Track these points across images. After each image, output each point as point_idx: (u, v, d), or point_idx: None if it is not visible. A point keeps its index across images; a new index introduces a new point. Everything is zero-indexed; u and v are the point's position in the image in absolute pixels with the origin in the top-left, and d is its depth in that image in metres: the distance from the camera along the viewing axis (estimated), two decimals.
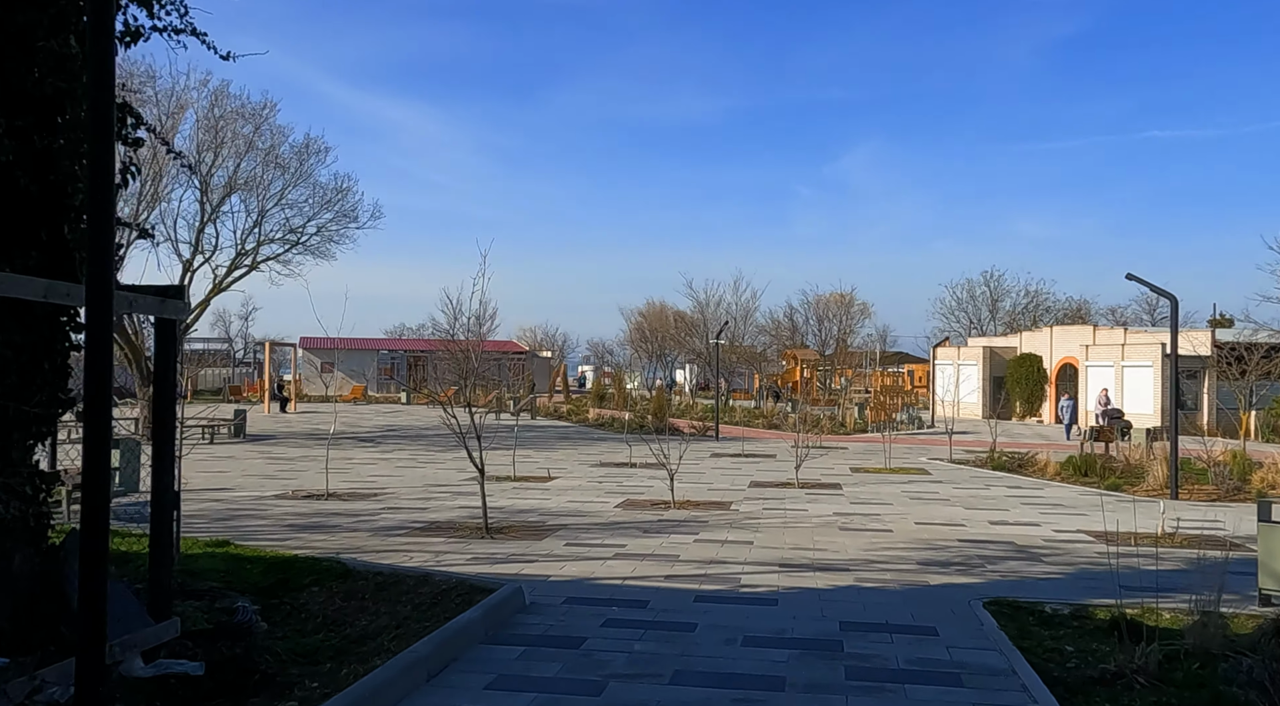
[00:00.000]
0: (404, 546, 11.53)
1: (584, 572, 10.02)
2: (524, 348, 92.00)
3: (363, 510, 14.99)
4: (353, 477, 20.11)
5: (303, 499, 16.38)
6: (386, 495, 17.08)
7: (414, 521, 13.77)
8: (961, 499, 17.43)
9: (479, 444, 13.02)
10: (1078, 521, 14.68)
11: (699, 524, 13.80)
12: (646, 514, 14.88)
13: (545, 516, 14.48)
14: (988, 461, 24.41)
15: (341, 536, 12.25)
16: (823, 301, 71.03)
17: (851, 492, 18.16)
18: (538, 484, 19.17)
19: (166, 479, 6.45)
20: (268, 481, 19.18)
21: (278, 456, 25.24)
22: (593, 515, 14.70)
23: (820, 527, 13.61)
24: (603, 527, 13.34)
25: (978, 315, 64.73)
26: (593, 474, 21.33)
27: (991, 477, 21.42)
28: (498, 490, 17.87)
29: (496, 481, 19.36)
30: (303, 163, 31.23)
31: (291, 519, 13.88)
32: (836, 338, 69.70)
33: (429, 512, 14.82)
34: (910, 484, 19.87)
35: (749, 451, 27.58)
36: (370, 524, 13.47)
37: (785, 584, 9.63)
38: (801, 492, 18.04)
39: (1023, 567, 10.82)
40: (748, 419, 42.63)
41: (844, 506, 16.17)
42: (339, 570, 9.37)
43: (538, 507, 15.53)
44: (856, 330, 70.83)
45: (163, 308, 6.27)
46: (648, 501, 16.42)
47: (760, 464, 24.18)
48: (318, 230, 32.01)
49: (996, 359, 49.16)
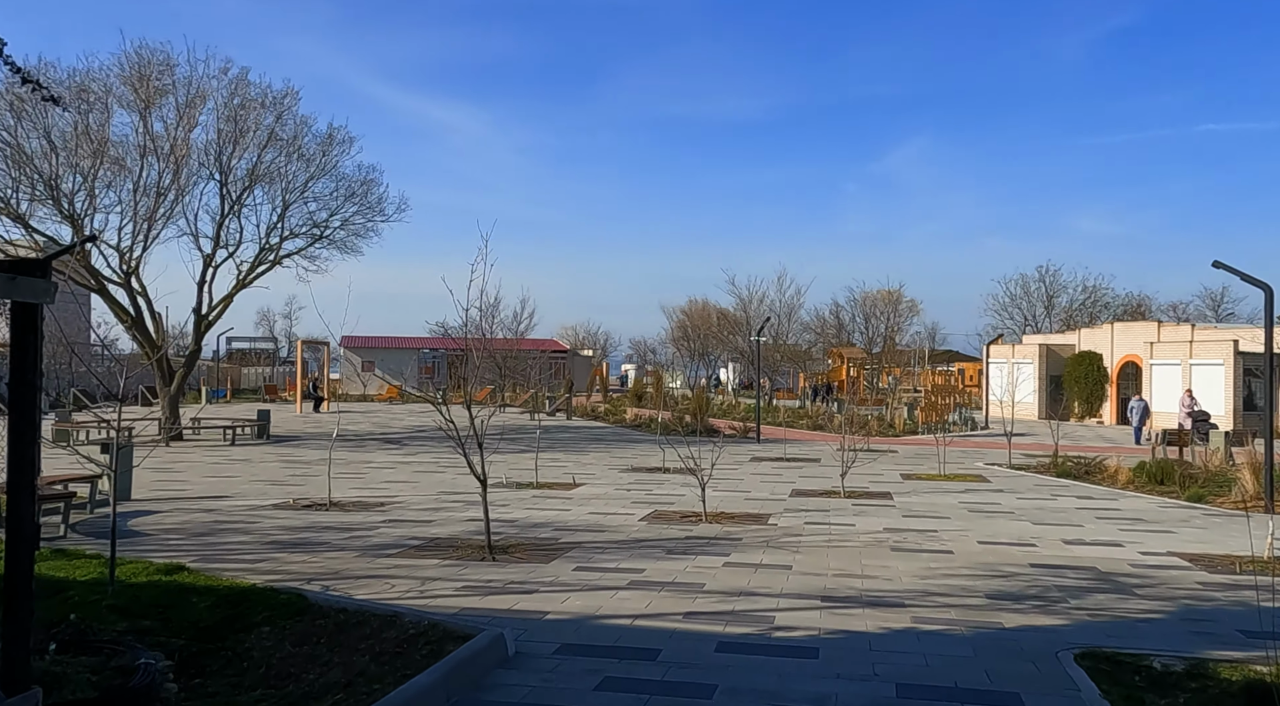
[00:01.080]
0: (390, 570, 10.08)
1: (589, 608, 8.49)
2: (565, 346, 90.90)
3: (361, 523, 13.59)
4: (365, 483, 18.77)
5: (302, 509, 15.03)
6: (394, 505, 15.69)
7: (413, 538, 12.33)
8: (1027, 511, 15.68)
9: (480, 451, 11.53)
10: (1166, 541, 12.89)
11: (731, 542, 12.22)
12: (674, 529, 13.33)
13: (560, 531, 12.98)
14: (1051, 467, 22.55)
15: (325, 556, 10.83)
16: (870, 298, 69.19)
17: (903, 503, 16.48)
18: (561, 491, 17.69)
19: (26, 506, 5.01)
20: (273, 488, 17.88)
21: (295, 459, 24.00)
22: (613, 530, 13.17)
23: (869, 547, 11.98)
24: (622, 547, 11.81)
25: (1032, 312, 62.36)
26: (621, 480, 19.82)
27: (1057, 486, 19.60)
28: (515, 499, 16.41)
29: (516, 490, 17.92)
30: (326, 154, 30.02)
31: (279, 534, 12.50)
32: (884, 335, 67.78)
33: (433, 526, 13.38)
34: (968, 493, 18.13)
35: (791, 455, 25.93)
36: (364, 540, 12.05)
37: (828, 626, 8.03)
38: (848, 503, 16.40)
39: (1113, 603, 9.12)
40: (791, 419, 40.90)
41: (895, 520, 14.51)
42: (298, 605, 7.92)
43: (554, 520, 14.03)
44: (905, 328, 68.89)
45: (11, 287, 4.83)
46: (677, 514, 14.87)
47: (803, 469, 22.53)
48: (342, 224, 30.80)
49: (1053, 357, 46.97)
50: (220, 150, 28.33)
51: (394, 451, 26.77)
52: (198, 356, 30.46)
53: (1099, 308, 61.29)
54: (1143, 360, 42.04)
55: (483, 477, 11.47)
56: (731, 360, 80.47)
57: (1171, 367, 40.28)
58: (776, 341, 59.91)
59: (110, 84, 27.12)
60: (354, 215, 30.94)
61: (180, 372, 29.80)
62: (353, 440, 30.41)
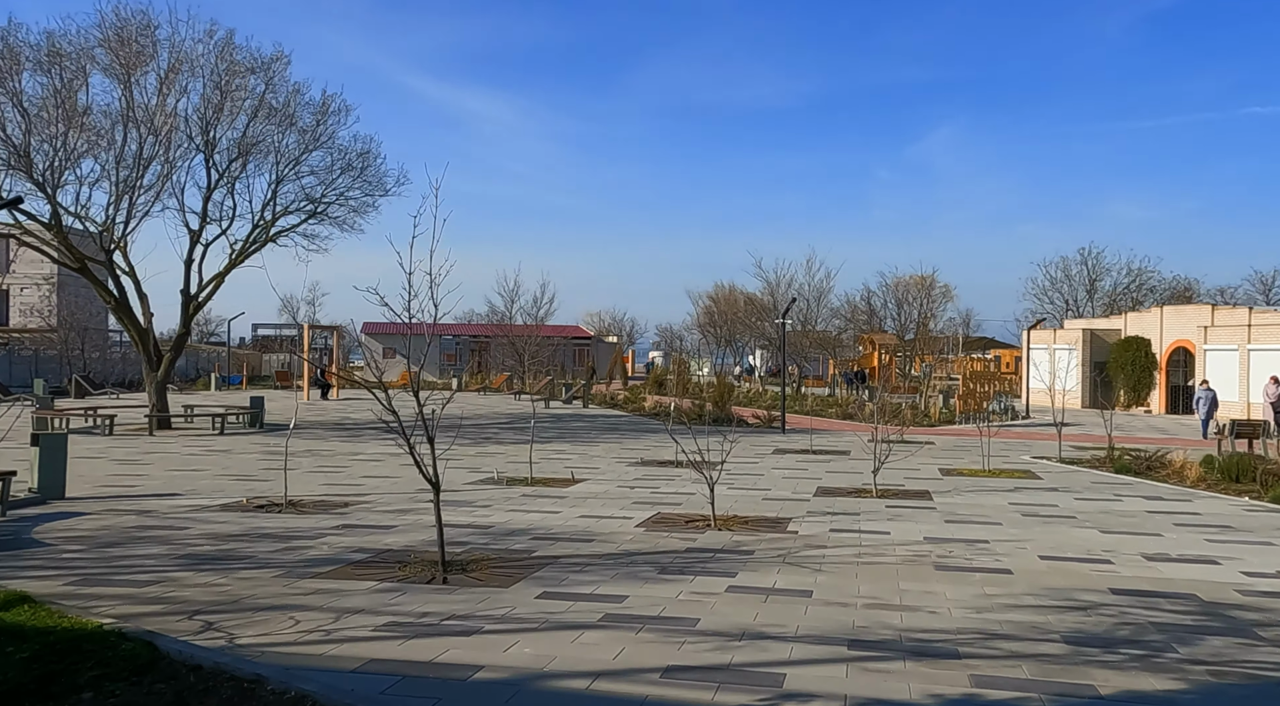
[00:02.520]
0: (306, 598, 8.07)
1: (539, 659, 6.43)
2: (589, 332, 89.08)
3: (308, 530, 11.61)
4: (342, 479, 16.83)
5: (252, 511, 13.08)
6: (359, 505, 13.72)
7: (361, 549, 10.34)
8: (1091, 516, 13.47)
9: (432, 448, 9.51)
10: (1269, 556, 10.65)
11: (741, 557, 10.13)
12: (674, 538, 11.26)
13: (539, 541, 10.95)
14: (1106, 462, 20.28)
15: (237, 577, 8.84)
16: (902, 284, 66.82)
17: (945, 505, 14.31)
18: (556, 489, 15.67)
19: None
20: (236, 484, 15.96)
21: (278, 451, 22.11)
22: (603, 539, 11.13)
23: (908, 564, 9.85)
24: (607, 562, 9.75)
25: (1074, 296, 59.57)
26: (627, 476, 17.76)
27: (1118, 484, 17.34)
28: (501, 499, 14.40)
29: (506, 486, 15.91)
30: (321, 123, 28.05)
31: (202, 544, 10.54)
32: (917, 321, 65.44)
33: (392, 533, 11.38)
34: (1017, 492, 15.93)
35: (818, 446, 23.78)
36: (298, 553, 10.06)
37: (857, 692, 5.93)
38: (881, 505, 14.26)
39: (1234, 651, 6.95)
40: (820, 407, 38.70)
41: (937, 527, 12.36)
42: (142, 659, 5.93)
43: (536, 527, 12.00)
44: (938, 314, 66.45)
45: None
46: (682, 518, 12.80)
47: (830, 463, 20.38)
48: (338, 198, 28.81)
49: (1098, 342, 44.41)
50: (205, 118, 26.44)
51: (390, 441, 24.85)
52: (186, 340, 28.67)
53: (1144, 291, 58.42)
54: (1195, 345, 39.45)
55: (435, 480, 9.44)
56: (760, 347, 78.31)
57: (1227, 353, 37.69)
58: (805, 327, 57.58)
59: (89, 47, 25.32)
60: (351, 189, 28.99)
61: (168, 357, 28.02)
62: (351, 429, 28.55)
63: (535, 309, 60.77)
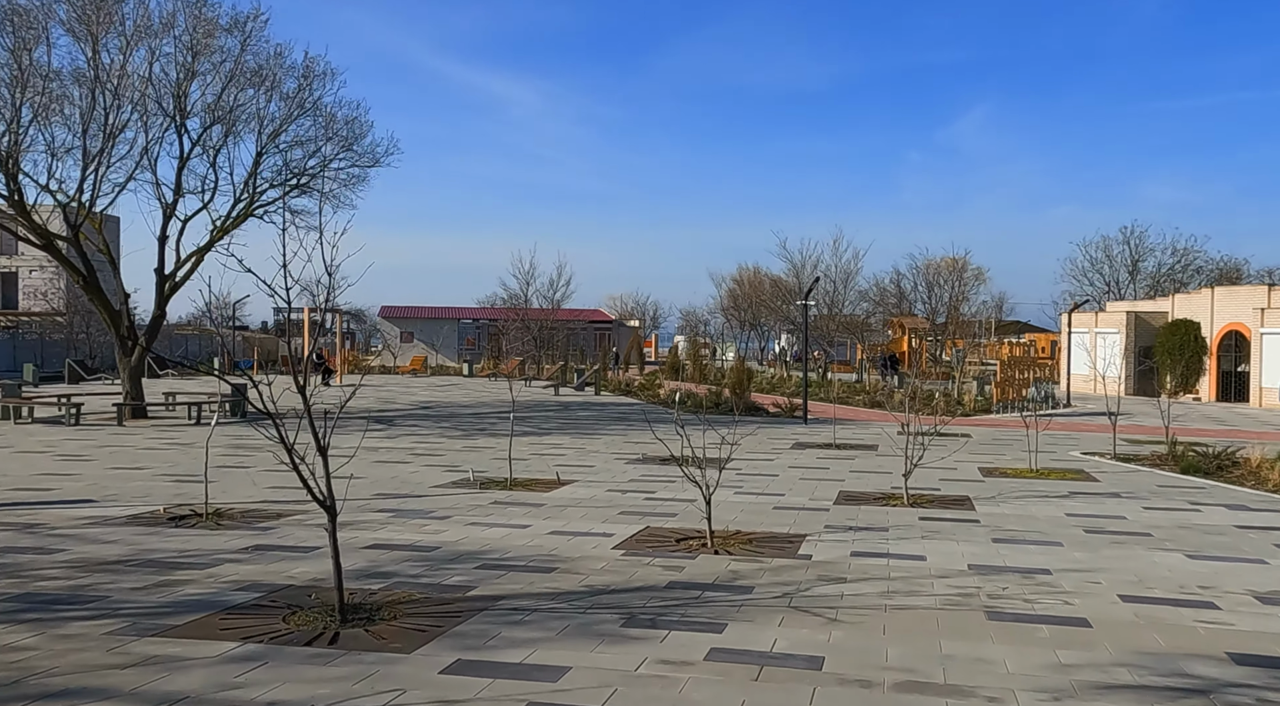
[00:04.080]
0: (120, 677, 5.91)
1: None
2: (610, 316, 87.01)
3: (208, 553, 9.50)
4: (294, 480, 14.72)
5: (162, 524, 11.00)
6: (295, 515, 11.60)
7: (255, 584, 8.22)
8: (1169, 533, 11.15)
9: (325, 460, 7.36)
10: None
11: (735, 596, 7.92)
12: (658, 565, 9.06)
13: (488, 570, 8.78)
14: (1169, 459, 17.89)
15: (59, 633, 6.71)
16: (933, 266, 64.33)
17: (990, 516, 12.03)
18: (535, 494, 13.50)
19: None
20: (169, 487, 13.89)
21: (248, 445, 20.12)
22: (569, 567, 8.94)
23: (951, 609, 7.60)
24: (562, 605, 7.57)
25: (1115, 277, 56.73)
26: (623, 476, 15.58)
27: (1188, 488, 14.98)
28: (466, 508, 12.24)
29: (479, 490, 13.76)
30: (304, 89, 25.92)
31: (58, 577, 8.43)
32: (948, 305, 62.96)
33: (308, 559, 9.26)
34: (1073, 499, 13.61)
35: (842, 439, 21.49)
36: (169, 592, 7.94)
37: None
38: (913, 516, 11.98)
39: None
40: (846, 395, 36.35)
41: (983, 548, 10.09)
42: None
43: (493, 548, 9.84)
44: (970, 297, 63.92)
45: None
46: (674, 534, 10.60)
47: (855, 460, 18.10)
48: (322, 166, 26.64)
49: (1143, 325, 41.76)
50: (177, 82, 24.37)
51: (375, 433, 22.80)
52: (161, 323, 26.72)
53: (1189, 272, 55.54)
54: (1250, 329, 36.76)
55: (327, 500, 7.28)
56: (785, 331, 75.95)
57: None
58: (831, 310, 55.15)
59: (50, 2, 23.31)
60: (337, 158, 26.84)
61: (142, 341, 26.08)
62: (339, 418, 26.49)
63: (551, 291, 58.57)
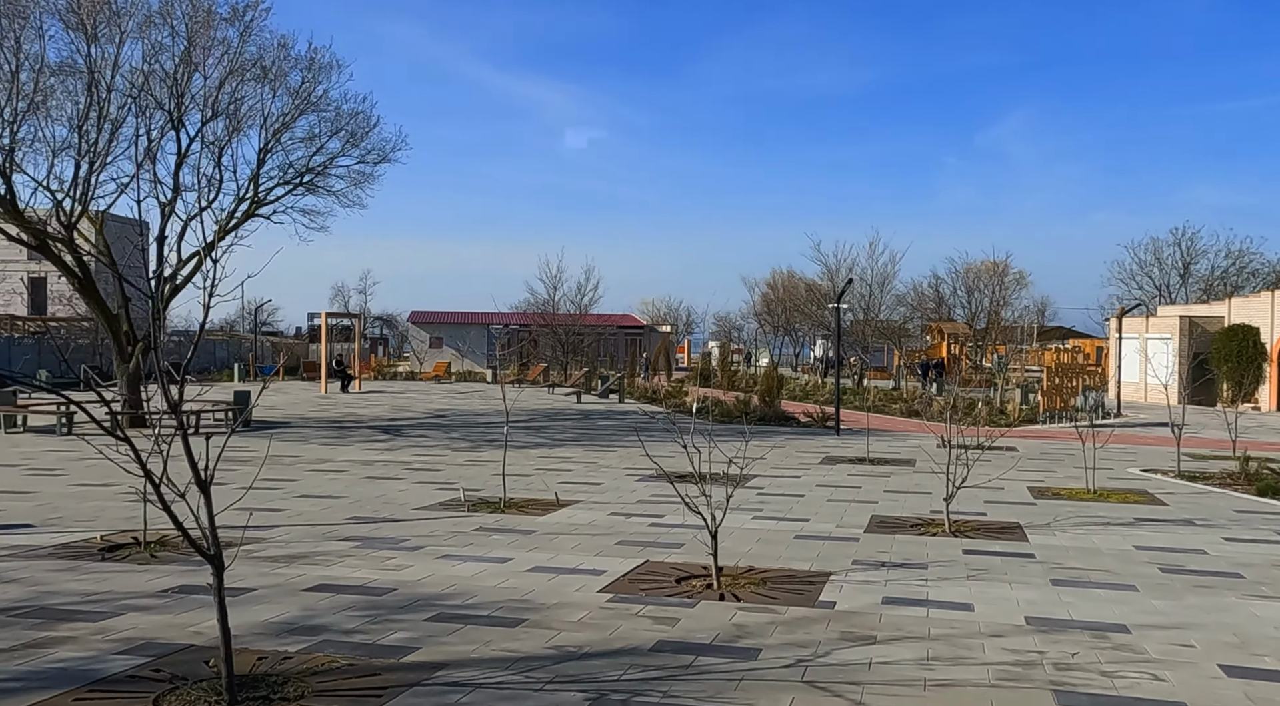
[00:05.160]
0: None
1: None
2: (642, 321, 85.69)
3: (117, 596, 8.09)
4: (267, 499, 13.29)
5: (86, 557, 9.62)
6: (246, 545, 10.17)
7: (150, 643, 6.79)
8: (1263, 573, 9.43)
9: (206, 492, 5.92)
10: None
11: (736, 663, 6.37)
12: (649, 614, 7.53)
13: (441, 623, 7.30)
14: (1241, 477, 16.11)
15: None
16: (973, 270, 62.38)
17: (1046, 549, 10.37)
18: (528, 518, 12.02)
19: None
20: (125, 509, 12.52)
21: (238, 458, 18.76)
22: (541, 618, 7.43)
23: (1008, 686, 6.00)
24: (515, 677, 6.06)
25: (1166, 280, 54.43)
26: (632, 495, 14.07)
27: (1273, 514, 13.20)
28: (447, 534, 10.76)
29: (468, 513, 12.28)
30: (306, 81, 24.66)
31: None
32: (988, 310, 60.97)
33: (235, 606, 7.81)
34: (1140, 527, 11.90)
35: (876, 453, 19.82)
36: (33, 658, 6.53)
37: None
38: (956, 549, 10.36)
39: None
40: (882, 403, 34.58)
41: (1042, 593, 8.46)
42: None
43: (458, 591, 8.35)
44: (1011, 302, 61.95)
45: None
46: (675, 572, 9.07)
47: (891, 478, 16.46)
48: (324, 164, 25.36)
49: (1197, 331, 39.62)
50: (174, 74, 23.18)
51: (377, 444, 21.44)
52: (159, 327, 25.48)
53: (1244, 275, 53.12)
54: None
55: (210, 549, 5.82)
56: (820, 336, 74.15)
57: None
58: (867, 315, 53.32)
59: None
60: (341, 155, 25.57)
61: (140, 346, 24.89)
62: (347, 428, 25.23)
63: (579, 296, 57.21)
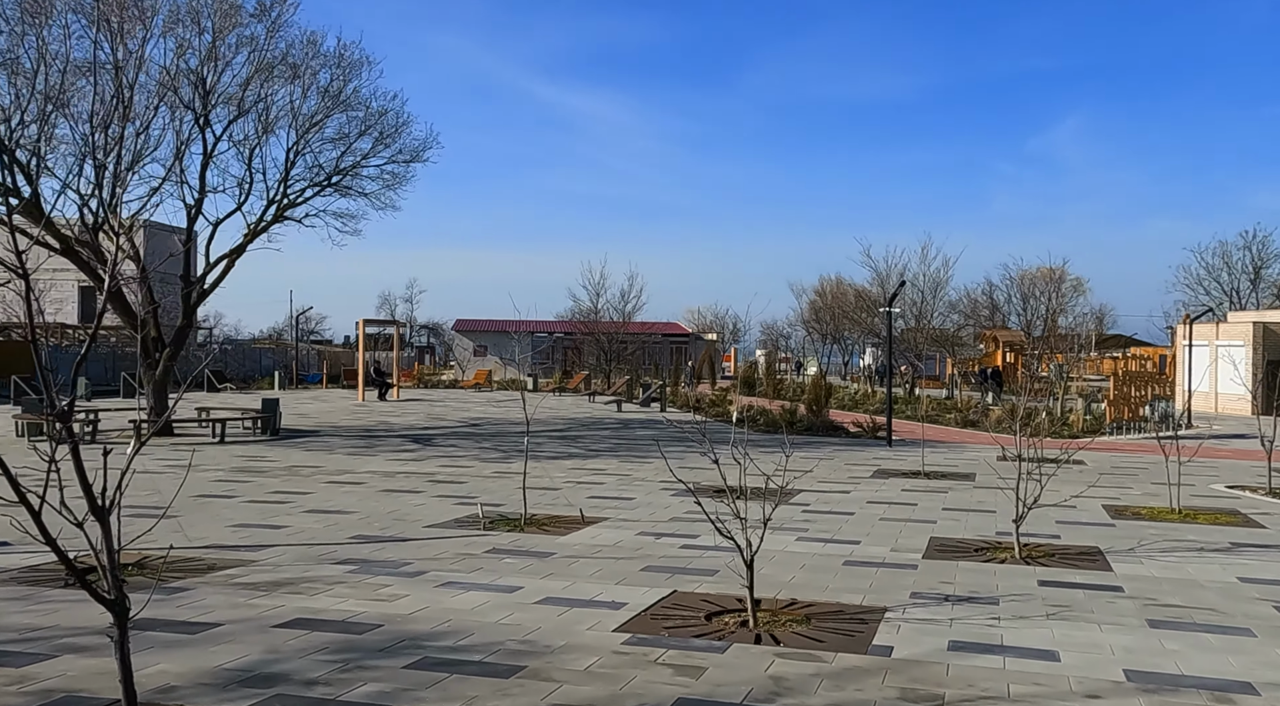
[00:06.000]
0: None
1: None
2: (687, 329, 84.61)
3: (67, 631, 7.08)
4: (270, 515, 12.32)
5: (49, 583, 8.66)
6: (235, 568, 9.15)
7: (71, 697, 5.74)
8: None
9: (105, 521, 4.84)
10: None
11: None
12: (669, 664, 6.36)
13: (424, 672, 6.18)
14: None
15: None
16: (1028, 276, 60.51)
17: (1136, 581, 9.03)
18: (550, 539, 10.90)
19: None
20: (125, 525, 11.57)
21: (254, 468, 17.90)
22: (541, 668, 6.29)
23: None
24: None
25: (1235, 285, 52.20)
26: (664, 513, 12.90)
27: None
28: (454, 557, 9.65)
29: (484, 531, 11.17)
30: (336, 79, 23.84)
31: None
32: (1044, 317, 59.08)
33: (188, 646, 6.76)
34: (1239, 553, 10.49)
35: (932, 466, 18.43)
36: None
37: None
38: (1030, 579, 9.05)
39: None
40: (936, 413, 33.03)
41: (1139, 639, 7.15)
42: None
43: (454, 627, 7.23)
44: (1068, 309, 59.99)
45: None
46: (707, 604, 7.89)
47: (948, 494, 15.11)
48: (354, 164, 24.49)
49: (1271, 337, 37.63)
50: (200, 70, 22.45)
51: (404, 454, 20.46)
52: (188, 333, 24.81)
53: None
54: None
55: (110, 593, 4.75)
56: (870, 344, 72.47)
57: None
58: (919, 322, 51.66)
59: None
60: (372, 155, 24.70)
61: (167, 353, 24.18)
62: (378, 437, 24.33)
63: (623, 303, 56.19)
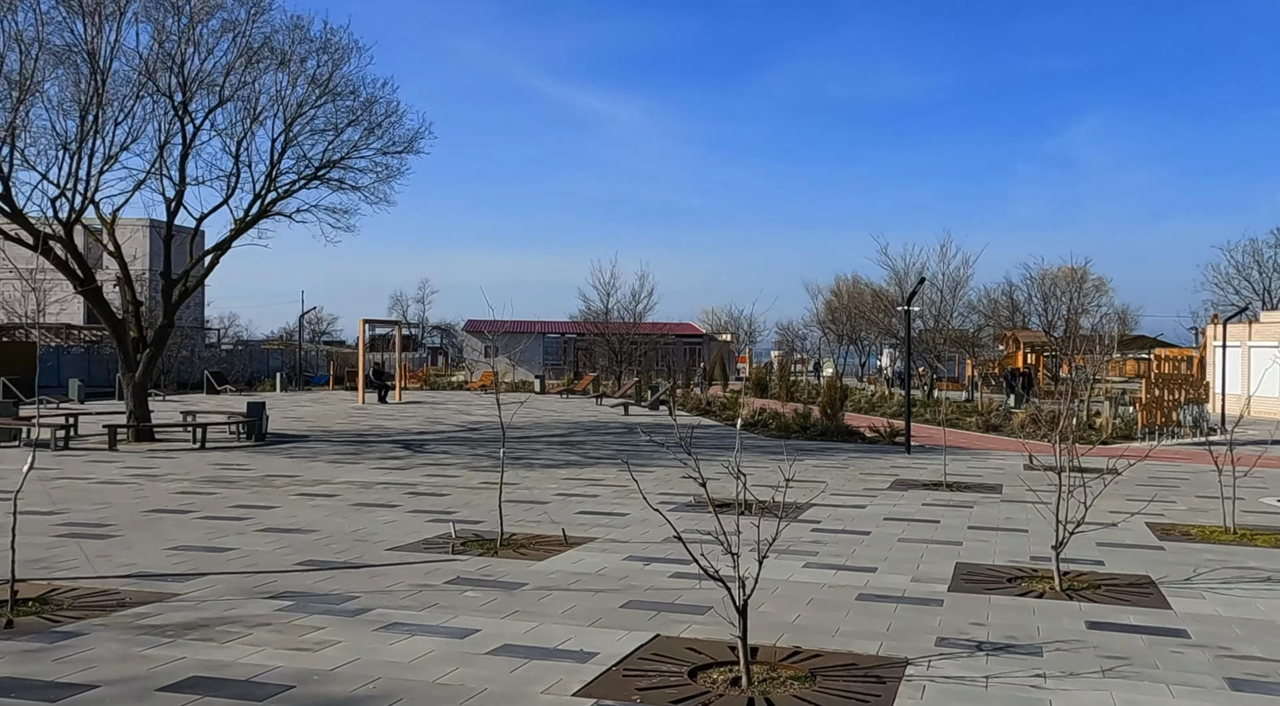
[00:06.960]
0: None
1: None
2: (701, 330, 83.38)
3: None
4: (220, 534, 11.08)
5: None
6: (146, 606, 7.91)
7: None
8: None
9: None
10: None
11: None
12: None
13: None
14: None
15: None
16: (1049, 276, 58.94)
17: (1199, 621, 7.68)
18: (524, 564, 9.62)
19: None
20: (43, 549, 10.41)
21: (224, 478, 16.69)
22: None
23: None
24: None
25: (1266, 284, 50.54)
26: (659, 532, 11.55)
27: None
28: (408, 590, 8.36)
29: (450, 557, 9.87)
30: (325, 66, 22.64)
31: None
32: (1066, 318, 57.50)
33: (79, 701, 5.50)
34: None
35: (954, 475, 17.05)
36: None
37: None
38: (1076, 618, 7.71)
39: None
40: (956, 416, 31.61)
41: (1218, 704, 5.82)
42: None
43: (381, 691, 5.95)
44: (1090, 309, 58.42)
45: None
46: (694, 652, 6.59)
47: (974, 509, 13.76)
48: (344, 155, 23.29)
49: None
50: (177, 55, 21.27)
51: (390, 462, 19.21)
52: (169, 332, 23.62)
53: None
54: None
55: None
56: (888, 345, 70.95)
57: None
58: (938, 323, 50.21)
59: None
60: (362, 145, 23.48)
61: (147, 354, 23.03)
62: (368, 442, 23.11)
63: (633, 303, 54.94)
